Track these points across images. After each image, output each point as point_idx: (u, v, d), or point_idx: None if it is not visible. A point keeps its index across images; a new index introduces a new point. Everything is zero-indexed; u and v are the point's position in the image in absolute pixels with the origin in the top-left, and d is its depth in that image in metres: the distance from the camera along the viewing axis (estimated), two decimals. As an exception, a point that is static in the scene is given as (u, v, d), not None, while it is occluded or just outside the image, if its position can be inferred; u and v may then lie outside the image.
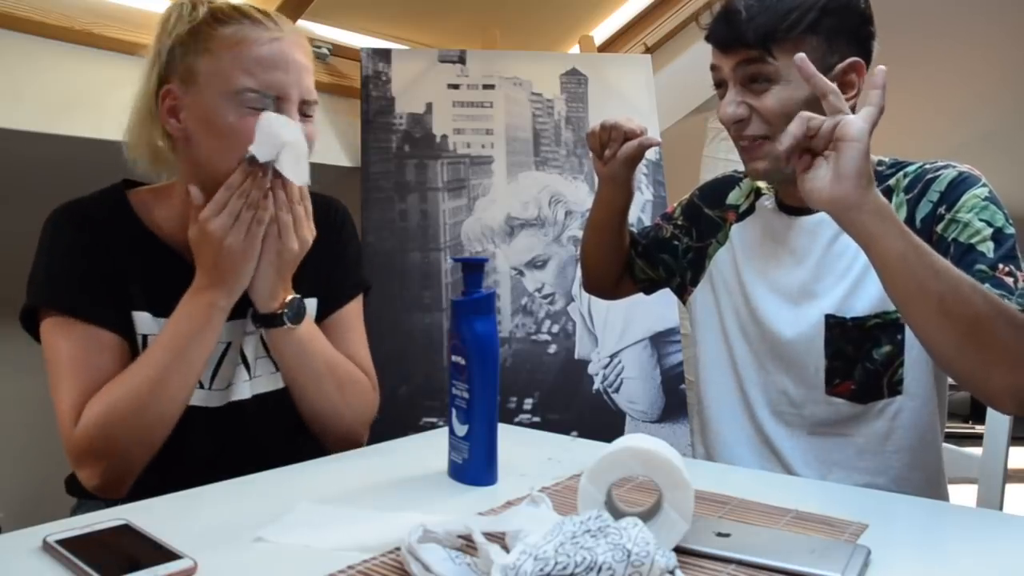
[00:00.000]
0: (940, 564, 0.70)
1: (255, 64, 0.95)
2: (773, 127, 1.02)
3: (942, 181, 1.02)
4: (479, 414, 0.90)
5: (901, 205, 1.04)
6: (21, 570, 0.66)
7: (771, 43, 1.00)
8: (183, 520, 0.77)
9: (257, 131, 0.94)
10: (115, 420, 0.91)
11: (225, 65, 0.95)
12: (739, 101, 1.04)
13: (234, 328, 1.04)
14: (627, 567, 0.57)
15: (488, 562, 0.58)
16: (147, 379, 0.93)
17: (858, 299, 1.06)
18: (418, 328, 1.94)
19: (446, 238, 2.00)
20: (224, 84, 0.95)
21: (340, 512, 0.80)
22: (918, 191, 1.04)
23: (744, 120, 1.04)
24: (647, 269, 1.34)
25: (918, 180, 1.05)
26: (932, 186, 1.02)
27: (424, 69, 2.07)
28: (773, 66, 1.00)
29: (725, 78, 1.06)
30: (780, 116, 1.00)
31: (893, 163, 1.11)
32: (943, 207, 1.00)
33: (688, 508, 0.68)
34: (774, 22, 0.99)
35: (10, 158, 1.52)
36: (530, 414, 1.96)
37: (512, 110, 2.10)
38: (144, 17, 1.66)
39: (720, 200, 1.26)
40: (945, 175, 1.02)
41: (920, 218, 1.02)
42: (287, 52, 0.97)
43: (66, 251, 0.98)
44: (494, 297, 0.92)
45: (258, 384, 1.07)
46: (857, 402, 1.06)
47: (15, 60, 1.45)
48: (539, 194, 2.06)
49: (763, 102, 1.02)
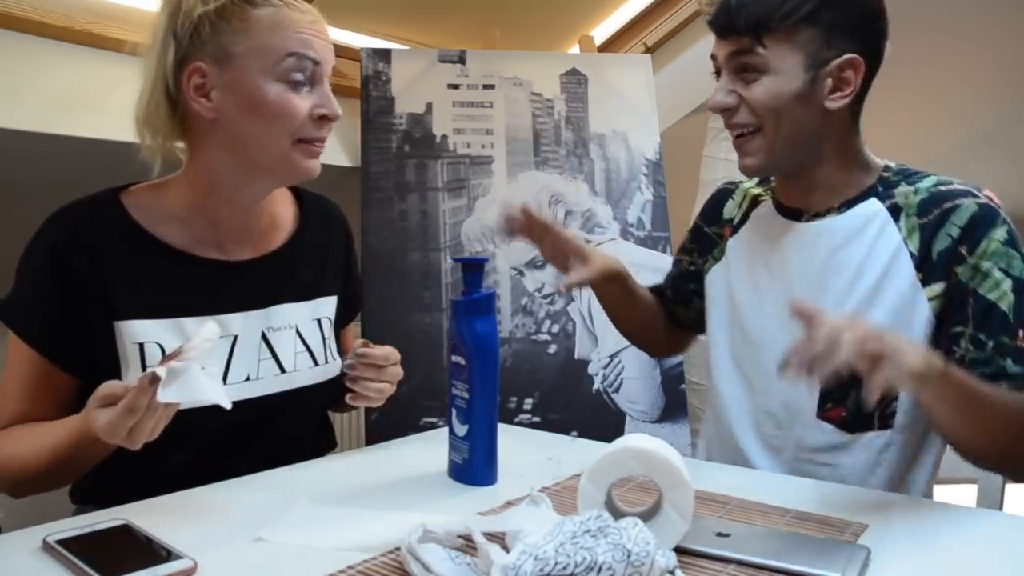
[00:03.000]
0: (940, 564, 0.70)
1: (299, 44, 0.96)
2: (760, 118, 1.00)
3: (962, 214, 0.97)
4: (479, 414, 0.90)
5: (913, 229, 1.00)
6: (21, 570, 0.66)
7: (763, 32, 0.97)
8: (183, 520, 0.77)
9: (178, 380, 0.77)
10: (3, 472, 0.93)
11: (267, 43, 0.95)
12: (729, 90, 1.02)
13: (246, 321, 1.02)
14: (627, 567, 0.57)
15: (488, 562, 0.58)
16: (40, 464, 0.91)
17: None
18: (418, 328, 1.94)
19: (446, 238, 2.00)
20: (266, 61, 0.95)
21: (340, 512, 0.80)
22: (934, 219, 0.99)
23: (731, 109, 1.02)
24: (684, 311, 1.29)
25: (933, 204, 1.00)
26: (951, 218, 0.98)
27: (424, 69, 2.07)
28: (762, 57, 0.98)
29: (719, 66, 1.04)
30: (768, 108, 0.99)
31: (900, 170, 1.06)
32: (964, 247, 0.96)
33: (688, 508, 0.68)
34: (767, 11, 0.97)
35: (10, 158, 1.52)
36: (530, 414, 1.96)
37: (512, 110, 2.09)
38: (144, 17, 1.66)
39: (717, 216, 1.23)
40: (965, 207, 0.97)
41: (937, 251, 0.98)
42: (324, 31, 0.99)
43: (38, 270, 0.95)
44: (494, 297, 0.92)
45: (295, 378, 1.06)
46: (846, 431, 1.02)
47: (15, 60, 1.45)
48: (539, 194, 2.06)
49: (752, 92, 1.00)
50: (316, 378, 1.07)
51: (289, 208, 1.13)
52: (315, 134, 0.98)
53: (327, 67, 0.99)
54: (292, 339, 1.06)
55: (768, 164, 1.03)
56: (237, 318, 1.02)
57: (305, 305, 1.08)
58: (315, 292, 1.10)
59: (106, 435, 0.77)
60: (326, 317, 1.11)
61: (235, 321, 1.02)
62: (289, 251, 1.09)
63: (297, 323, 1.07)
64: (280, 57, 0.95)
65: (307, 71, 0.96)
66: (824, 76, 0.98)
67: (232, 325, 1.01)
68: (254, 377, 1.02)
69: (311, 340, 1.07)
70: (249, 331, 1.03)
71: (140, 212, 1.00)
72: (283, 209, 1.12)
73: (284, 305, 1.06)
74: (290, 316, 1.06)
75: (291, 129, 0.96)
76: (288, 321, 1.06)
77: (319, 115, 0.97)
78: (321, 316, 1.10)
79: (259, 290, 1.04)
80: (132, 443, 0.78)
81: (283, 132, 0.96)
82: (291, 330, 1.06)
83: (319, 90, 0.98)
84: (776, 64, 0.98)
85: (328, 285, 1.13)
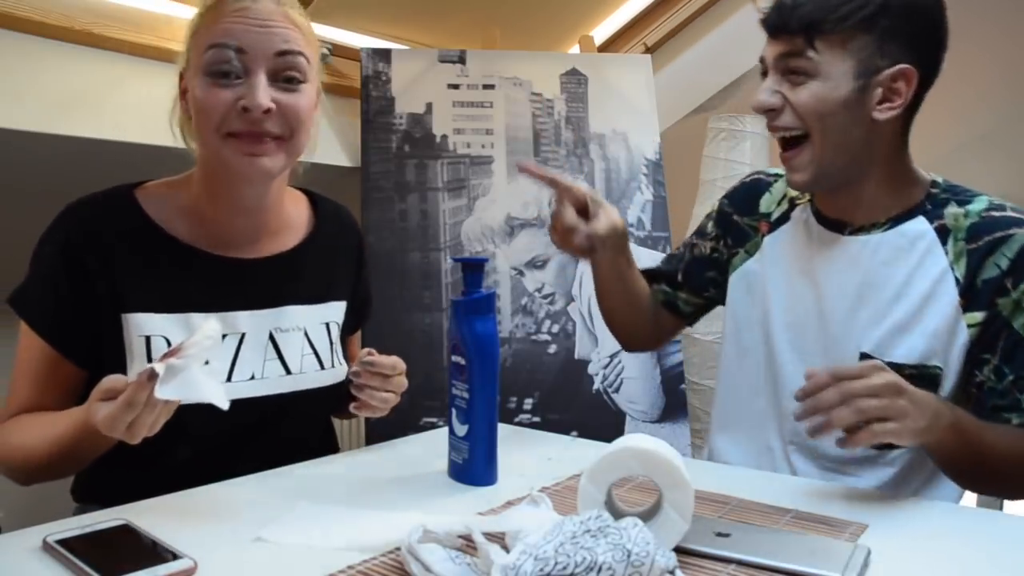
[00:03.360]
0: (940, 564, 0.70)
1: (221, 34, 0.92)
2: (805, 122, 0.97)
3: (1013, 245, 0.96)
4: (479, 414, 0.90)
5: (961, 254, 0.98)
6: (21, 570, 0.66)
7: (815, 34, 0.94)
8: (183, 520, 0.77)
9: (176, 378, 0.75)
10: (7, 459, 0.94)
11: (199, 40, 0.94)
12: (774, 90, 0.99)
13: (253, 319, 1.02)
14: (627, 567, 0.57)
15: (488, 562, 0.58)
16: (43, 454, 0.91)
17: (900, 345, 0.99)
18: (418, 328, 1.94)
19: (446, 238, 2.00)
20: (197, 58, 0.94)
21: (340, 512, 0.80)
22: (984, 246, 0.97)
23: (776, 110, 0.99)
24: (693, 298, 1.25)
25: (984, 231, 0.98)
26: (1002, 248, 0.96)
27: (424, 69, 2.07)
28: (812, 60, 0.95)
29: (766, 67, 1.02)
30: (813, 112, 0.96)
31: (948, 187, 1.03)
32: (1010, 279, 0.95)
33: (688, 508, 0.68)
34: (823, 12, 0.94)
35: (10, 158, 1.52)
36: (530, 414, 1.96)
37: (512, 110, 2.09)
38: (144, 17, 1.66)
39: (752, 207, 1.17)
40: (1017, 238, 0.96)
41: (983, 279, 0.96)
42: (261, 15, 0.94)
43: (50, 263, 0.96)
44: (494, 297, 0.92)
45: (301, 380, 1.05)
46: (872, 447, 0.99)
47: (15, 60, 1.45)
48: (539, 194, 2.06)
49: (798, 95, 0.97)
50: (322, 381, 1.06)
51: (303, 211, 1.13)
52: (239, 127, 0.93)
53: (259, 54, 0.93)
54: (300, 341, 1.06)
55: (818, 177, 1.00)
56: (245, 316, 1.02)
57: (314, 308, 1.08)
58: (324, 296, 1.10)
59: (105, 428, 0.77)
60: (334, 321, 1.11)
61: (243, 319, 1.02)
62: (300, 253, 1.09)
63: (306, 326, 1.07)
64: (202, 51, 0.93)
65: (230, 61, 0.92)
66: (875, 85, 0.95)
67: (240, 323, 1.01)
68: (259, 376, 1.02)
69: (319, 344, 1.07)
70: (257, 330, 1.03)
71: (153, 208, 1.01)
72: (296, 211, 1.11)
73: (293, 307, 1.06)
74: (299, 318, 1.06)
75: (214, 123, 0.93)
76: (297, 323, 1.06)
77: (241, 107, 0.92)
78: (329, 320, 1.10)
79: (268, 290, 1.04)
80: (131, 437, 0.78)
81: (208, 127, 0.93)
82: (299, 332, 1.06)
83: (248, 80, 0.93)
84: (826, 69, 0.95)
85: (338, 290, 1.13)
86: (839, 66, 0.95)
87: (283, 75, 0.95)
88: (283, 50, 0.94)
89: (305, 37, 0.98)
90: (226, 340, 1.00)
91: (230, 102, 0.92)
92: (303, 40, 0.97)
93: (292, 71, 0.95)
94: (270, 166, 0.96)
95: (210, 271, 1.01)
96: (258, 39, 0.93)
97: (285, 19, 0.96)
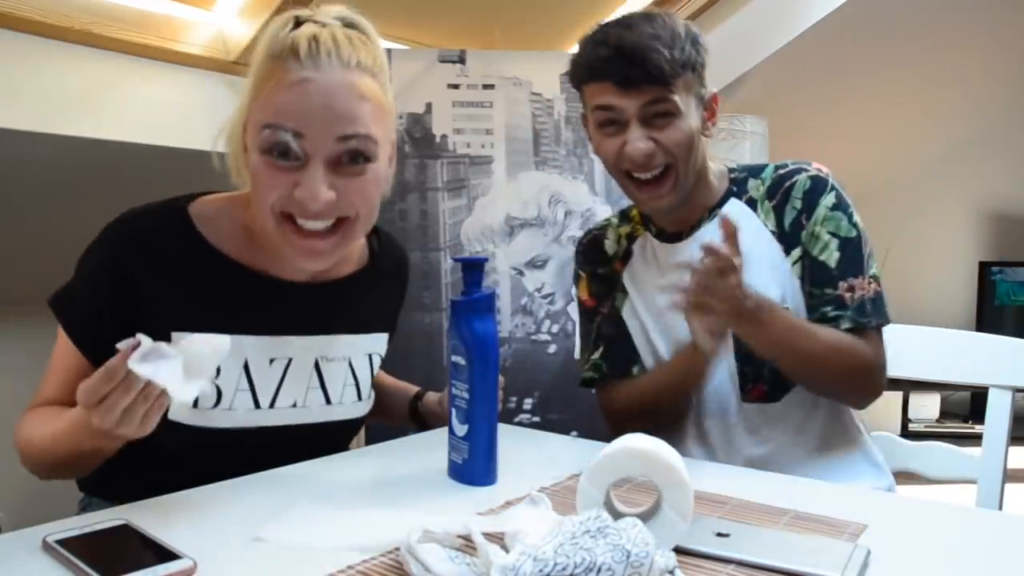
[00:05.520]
0: (940, 564, 0.70)
1: (274, 113, 0.86)
2: (674, 156, 1.09)
3: (799, 187, 1.14)
4: (479, 414, 0.90)
5: (768, 213, 1.15)
6: (21, 570, 0.66)
7: (670, 81, 1.06)
8: (183, 520, 0.77)
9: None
10: (23, 448, 0.94)
11: (257, 105, 0.88)
12: (646, 137, 1.08)
13: (301, 344, 1.00)
14: (626, 567, 0.57)
15: (487, 562, 0.58)
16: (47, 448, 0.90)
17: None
18: (418, 328, 1.94)
19: (446, 238, 2.00)
20: (254, 126, 0.88)
21: (340, 512, 0.80)
22: (780, 197, 1.15)
23: (650, 155, 1.09)
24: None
25: (776, 186, 1.16)
26: (792, 192, 1.14)
27: (424, 69, 2.07)
28: (675, 102, 1.07)
29: (624, 117, 1.08)
30: (682, 146, 1.09)
31: (743, 167, 1.20)
32: (804, 215, 1.13)
33: (687, 508, 0.68)
34: (669, 63, 1.05)
35: (10, 158, 1.52)
36: (530, 414, 1.96)
37: (512, 110, 2.09)
38: (144, 17, 1.66)
39: (602, 257, 1.27)
40: (800, 181, 1.14)
41: (788, 223, 1.14)
42: (322, 81, 0.85)
43: (96, 272, 0.94)
44: (494, 297, 0.92)
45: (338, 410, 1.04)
46: (773, 400, 1.13)
47: (15, 60, 1.45)
48: (539, 194, 2.06)
49: (669, 135, 1.08)
50: (355, 413, 1.07)
51: (360, 240, 1.08)
52: (292, 210, 0.88)
53: (318, 139, 0.85)
54: (344, 371, 1.05)
55: (680, 196, 1.13)
56: (292, 341, 1.00)
57: (361, 338, 1.08)
58: (371, 327, 1.09)
59: (82, 400, 0.74)
60: (377, 353, 1.11)
61: (290, 344, 1.00)
62: (353, 282, 1.07)
63: (351, 355, 1.06)
64: (259, 127, 0.87)
65: (287, 144, 0.85)
66: (705, 110, 1.14)
67: (289, 348, 1.00)
68: (300, 405, 1.01)
69: (360, 374, 1.07)
70: (304, 356, 1.01)
71: (207, 227, 0.97)
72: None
73: (341, 336, 1.05)
74: (346, 348, 1.05)
75: (269, 201, 0.88)
76: (343, 352, 1.05)
77: (298, 197, 0.87)
78: (373, 352, 1.09)
79: (318, 316, 1.02)
80: (103, 419, 0.74)
81: (263, 205, 0.89)
82: (344, 362, 1.05)
83: (307, 169, 0.86)
84: (684, 108, 1.08)
85: (383, 322, 1.12)
86: (690, 103, 1.10)
87: (346, 157, 0.88)
88: (346, 135, 0.87)
89: (376, 109, 0.90)
90: (273, 365, 0.99)
91: (287, 186, 0.87)
92: (372, 114, 0.89)
93: (356, 153, 0.89)
94: (328, 256, 0.93)
95: (262, 293, 0.99)
96: (318, 121, 0.85)
97: (352, 92, 0.87)
